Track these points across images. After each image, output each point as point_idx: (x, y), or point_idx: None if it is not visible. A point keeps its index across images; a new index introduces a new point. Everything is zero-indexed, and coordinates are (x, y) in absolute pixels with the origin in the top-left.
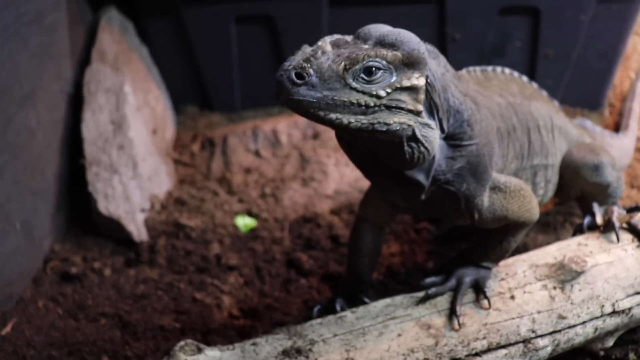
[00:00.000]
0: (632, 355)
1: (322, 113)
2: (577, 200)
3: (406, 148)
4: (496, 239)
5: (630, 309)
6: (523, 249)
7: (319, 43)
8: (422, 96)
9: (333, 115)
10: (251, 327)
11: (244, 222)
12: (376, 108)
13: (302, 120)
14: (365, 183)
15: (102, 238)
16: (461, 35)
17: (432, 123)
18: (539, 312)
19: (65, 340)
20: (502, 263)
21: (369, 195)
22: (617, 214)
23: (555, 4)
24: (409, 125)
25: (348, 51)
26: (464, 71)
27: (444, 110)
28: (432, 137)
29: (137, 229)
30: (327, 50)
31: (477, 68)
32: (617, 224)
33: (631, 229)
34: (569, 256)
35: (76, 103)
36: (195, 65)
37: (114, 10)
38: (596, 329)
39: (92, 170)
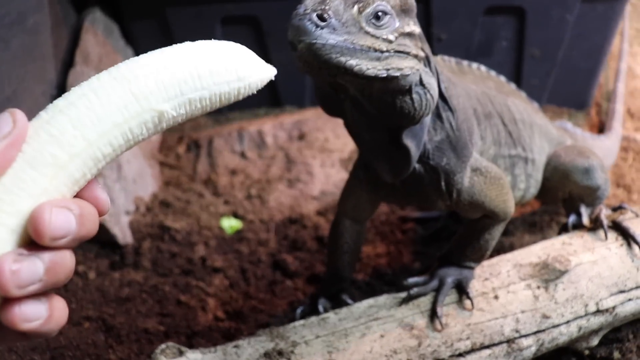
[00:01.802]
0: (616, 354)
1: (343, 59)
2: (563, 201)
3: (414, 95)
4: (474, 237)
5: (614, 307)
6: (509, 248)
7: None
8: (420, 43)
9: (353, 62)
10: (236, 329)
11: (230, 224)
12: (387, 53)
13: (287, 121)
14: None
15: (86, 241)
16: (447, 35)
17: (429, 71)
18: (522, 311)
19: (47, 345)
20: (486, 263)
21: (349, 188)
22: (605, 212)
23: (540, 3)
24: (417, 70)
25: None
26: (438, 57)
27: (433, 64)
28: (434, 83)
29: (122, 232)
30: None
31: (452, 59)
32: (605, 222)
33: (615, 226)
34: (553, 255)
35: None
36: None
37: (98, 11)
38: (580, 328)
39: None
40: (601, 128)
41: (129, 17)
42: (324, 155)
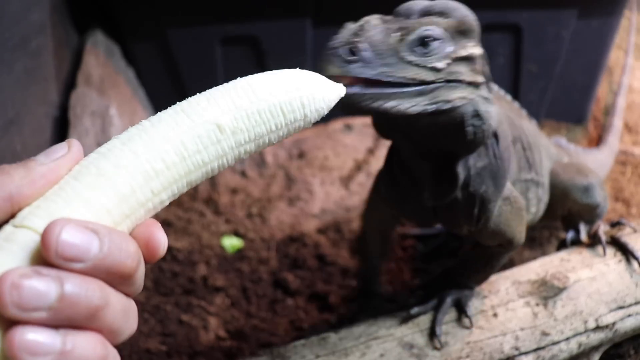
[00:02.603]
0: None
1: (379, 101)
2: (562, 218)
3: (468, 128)
4: (481, 263)
5: (613, 323)
6: (509, 264)
7: (365, 18)
8: (479, 67)
9: (391, 103)
10: (238, 348)
11: (231, 243)
12: (434, 84)
13: (287, 140)
14: (351, 201)
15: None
16: None
17: (491, 97)
18: (522, 329)
19: None
20: None
21: (373, 203)
22: (603, 228)
23: (536, 21)
24: (471, 99)
25: (397, 25)
26: None
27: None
28: (494, 112)
29: None
30: (376, 23)
31: None
32: (603, 238)
33: (614, 242)
34: (551, 272)
35: (62, 127)
36: (182, 87)
37: (99, 33)
38: (580, 345)
39: None
40: (599, 142)
41: (130, 39)
42: (324, 174)
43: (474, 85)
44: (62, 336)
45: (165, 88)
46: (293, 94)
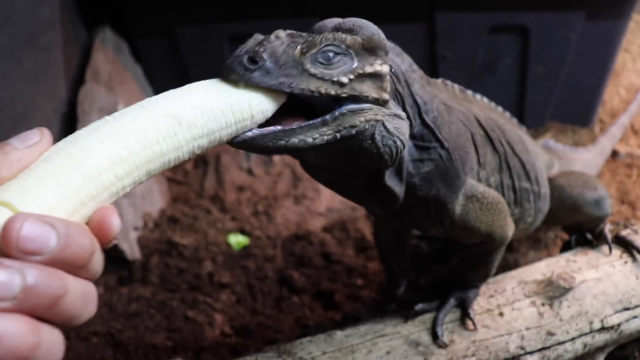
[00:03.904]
0: None
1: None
2: (566, 225)
3: (380, 147)
4: (473, 262)
5: (619, 325)
6: (514, 265)
7: (275, 31)
8: (387, 84)
9: (295, 137)
10: (243, 345)
11: (237, 240)
12: (335, 113)
13: None
14: None
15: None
16: (452, 53)
17: (401, 113)
18: (527, 328)
19: None
20: (491, 280)
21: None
22: (608, 227)
23: (543, 22)
24: (377, 120)
25: (302, 39)
26: (439, 80)
27: (410, 104)
28: (404, 127)
29: (130, 248)
30: (281, 35)
31: (456, 85)
32: (609, 237)
33: (619, 240)
34: (557, 273)
35: (70, 122)
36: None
37: (108, 30)
38: (585, 345)
39: None
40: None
41: (138, 36)
42: None
43: (380, 102)
44: None
45: (173, 85)
46: (242, 96)
